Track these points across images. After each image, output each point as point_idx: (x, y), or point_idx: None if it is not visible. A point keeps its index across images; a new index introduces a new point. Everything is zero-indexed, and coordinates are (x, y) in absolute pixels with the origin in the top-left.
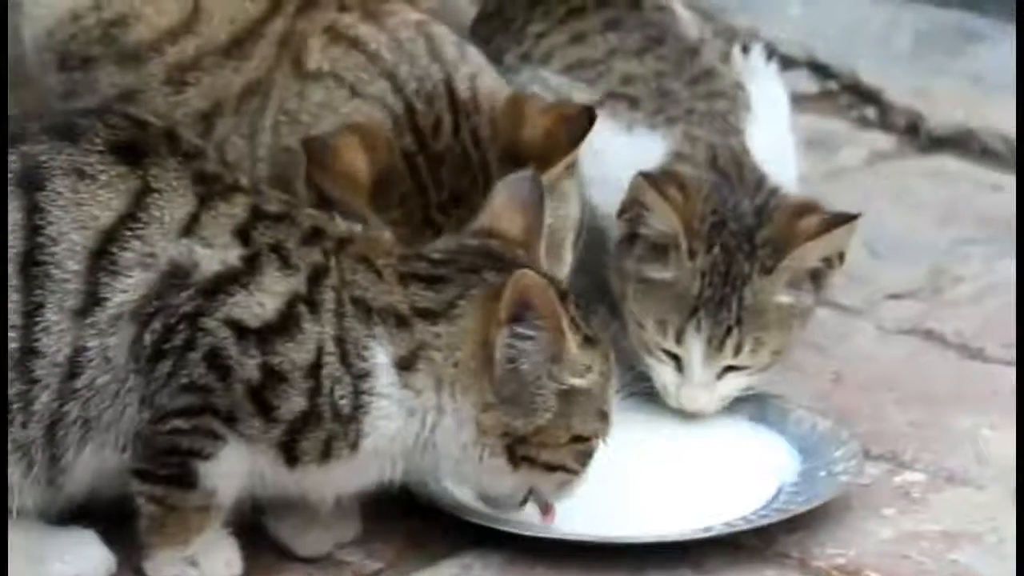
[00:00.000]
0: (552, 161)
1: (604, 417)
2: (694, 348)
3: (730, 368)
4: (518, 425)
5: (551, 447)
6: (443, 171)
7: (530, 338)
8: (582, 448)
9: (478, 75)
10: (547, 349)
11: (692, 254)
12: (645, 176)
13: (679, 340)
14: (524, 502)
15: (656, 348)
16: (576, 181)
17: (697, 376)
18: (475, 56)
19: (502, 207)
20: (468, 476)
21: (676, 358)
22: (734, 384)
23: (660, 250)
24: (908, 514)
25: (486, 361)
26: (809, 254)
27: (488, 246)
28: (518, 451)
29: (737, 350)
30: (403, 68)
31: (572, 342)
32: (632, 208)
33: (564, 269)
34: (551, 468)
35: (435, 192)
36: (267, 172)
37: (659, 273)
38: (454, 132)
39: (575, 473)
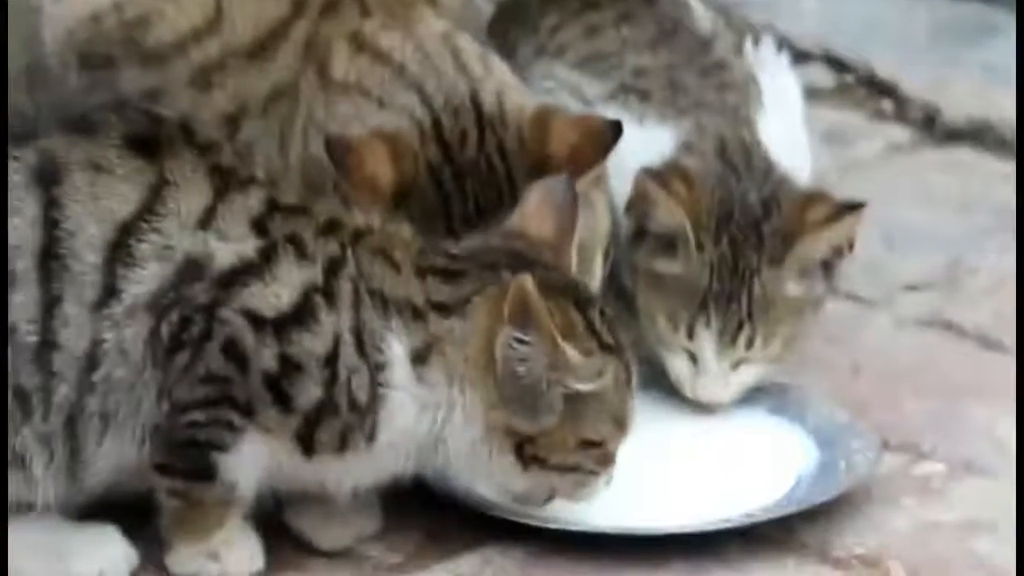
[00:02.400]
0: (578, 174)
1: (619, 423)
2: (706, 342)
3: (744, 359)
4: (523, 425)
5: (560, 449)
6: (468, 184)
7: (528, 342)
8: (597, 452)
9: (504, 90)
10: (544, 355)
11: (699, 247)
12: (648, 171)
13: (690, 335)
14: (549, 499)
15: (669, 342)
16: (606, 194)
17: (711, 369)
18: (500, 68)
19: (534, 209)
20: (480, 473)
21: (690, 351)
22: (749, 374)
23: (668, 244)
24: (927, 504)
25: (492, 359)
26: (818, 244)
27: (513, 246)
28: (527, 451)
29: (749, 343)
30: (430, 81)
31: (570, 349)
32: (638, 203)
33: (594, 282)
34: (565, 469)
35: (459, 204)
36: (298, 179)
37: (667, 267)
38: (480, 145)
39: (594, 475)
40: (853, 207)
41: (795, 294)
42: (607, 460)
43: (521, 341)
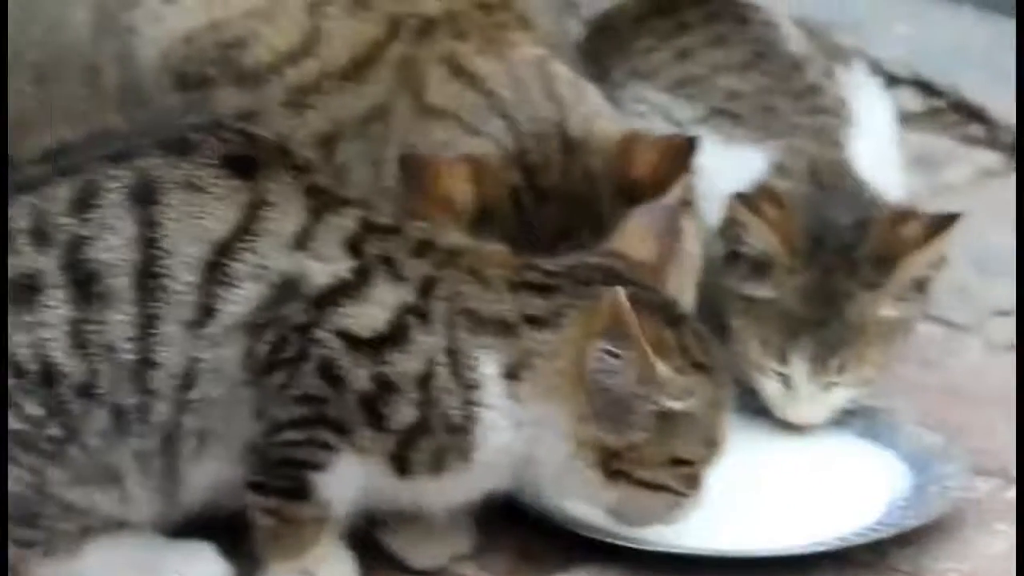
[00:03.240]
0: (661, 191)
1: (711, 444)
2: (798, 367)
3: (836, 382)
4: (611, 440)
5: (647, 466)
6: (550, 208)
7: (619, 356)
8: (686, 471)
9: (593, 117)
10: (635, 369)
11: (792, 271)
12: (739, 195)
13: (783, 359)
14: (645, 521)
15: (761, 365)
16: (695, 219)
17: (803, 391)
18: (591, 95)
19: (634, 231)
20: (569, 489)
21: (782, 374)
22: (840, 396)
23: (760, 269)
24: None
25: (583, 372)
26: (917, 264)
27: (611, 265)
28: (613, 465)
29: (841, 368)
30: (520, 109)
31: (662, 366)
32: (729, 228)
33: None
34: (651, 487)
35: (541, 229)
36: (392, 204)
37: (760, 292)
38: (564, 171)
39: (682, 496)
40: (948, 221)
41: (889, 316)
42: (695, 482)
43: (612, 354)
